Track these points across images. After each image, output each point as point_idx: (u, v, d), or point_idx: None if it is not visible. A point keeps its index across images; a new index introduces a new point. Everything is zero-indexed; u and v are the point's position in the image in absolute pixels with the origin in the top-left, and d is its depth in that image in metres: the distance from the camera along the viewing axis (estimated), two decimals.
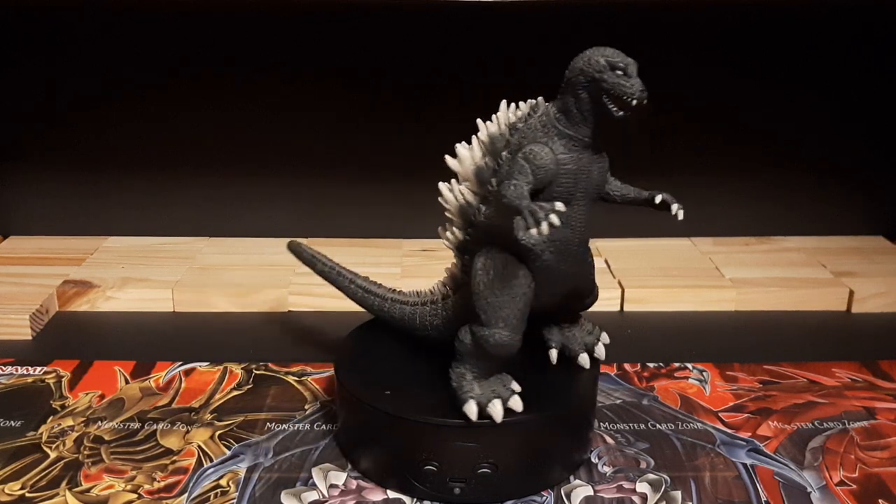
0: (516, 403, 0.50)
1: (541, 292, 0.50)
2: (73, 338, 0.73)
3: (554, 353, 0.56)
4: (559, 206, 0.45)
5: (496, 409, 0.49)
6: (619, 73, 0.46)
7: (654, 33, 0.85)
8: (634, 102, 0.46)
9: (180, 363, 0.68)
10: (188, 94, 0.87)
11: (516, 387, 0.51)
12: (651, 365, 0.68)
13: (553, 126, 0.48)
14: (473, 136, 0.51)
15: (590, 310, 0.77)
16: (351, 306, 0.77)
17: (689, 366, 0.68)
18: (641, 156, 0.89)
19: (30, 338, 0.72)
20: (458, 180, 0.53)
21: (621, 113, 0.46)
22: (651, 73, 0.86)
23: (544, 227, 0.44)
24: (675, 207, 0.51)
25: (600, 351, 0.56)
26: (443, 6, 0.80)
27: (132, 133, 0.88)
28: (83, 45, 0.85)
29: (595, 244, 0.89)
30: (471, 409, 0.49)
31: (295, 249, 0.64)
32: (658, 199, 0.52)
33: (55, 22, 0.84)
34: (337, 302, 0.77)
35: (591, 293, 0.56)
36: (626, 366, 0.68)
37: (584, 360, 0.55)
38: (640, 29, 0.85)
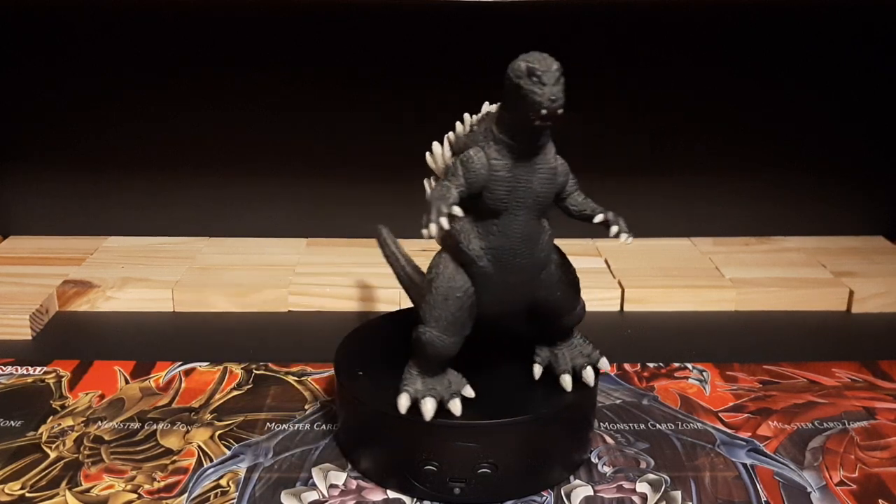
0: (455, 407, 0.50)
1: (482, 300, 0.50)
2: (73, 338, 0.72)
3: (537, 370, 0.55)
4: (456, 210, 0.45)
5: (426, 407, 0.50)
6: (535, 79, 0.44)
7: (654, 33, 0.85)
8: (543, 112, 0.44)
9: (180, 363, 0.68)
10: (188, 94, 0.87)
11: (468, 392, 0.51)
12: (651, 365, 0.68)
13: (490, 131, 0.48)
14: (446, 136, 0.52)
15: (591, 310, 0.78)
16: (351, 306, 0.77)
17: (689, 366, 0.68)
18: (641, 156, 0.90)
19: (30, 338, 0.72)
20: (435, 177, 0.53)
21: (537, 122, 0.45)
22: (651, 73, 0.87)
23: (432, 228, 0.44)
24: (614, 230, 0.48)
25: (588, 375, 0.54)
26: (443, 6, 0.80)
27: (132, 133, 0.88)
28: (83, 45, 0.85)
29: (595, 244, 0.89)
30: (401, 402, 0.50)
31: (377, 232, 0.65)
32: (597, 218, 0.49)
33: (55, 22, 0.84)
34: (337, 302, 0.78)
35: (570, 312, 0.53)
36: (626, 366, 0.68)
37: (565, 381, 0.53)
38: (640, 29, 0.85)
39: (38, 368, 0.66)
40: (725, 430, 0.59)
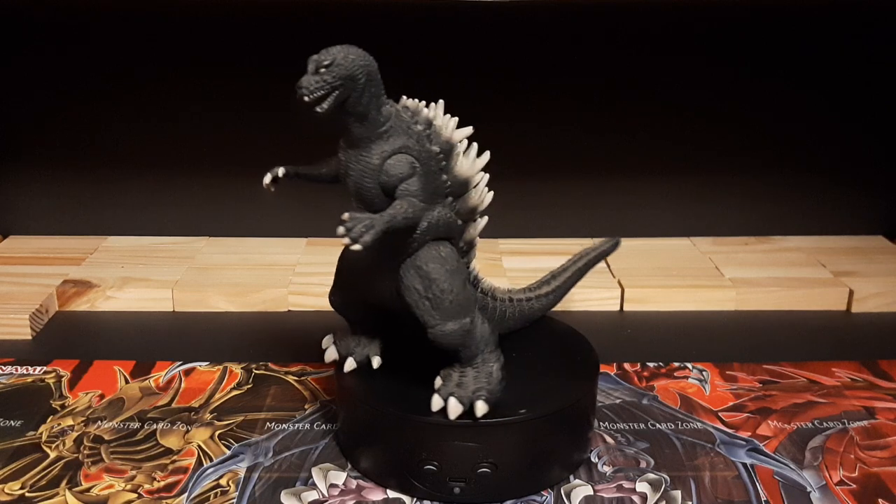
0: (347, 364, 0.55)
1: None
2: (72, 338, 0.73)
3: (437, 381, 0.52)
4: (280, 171, 0.54)
5: (327, 354, 0.56)
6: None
7: (654, 33, 0.85)
8: (297, 96, 0.47)
9: (180, 363, 0.68)
10: (188, 94, 0.87)
11: (374, 361, 0.55)
12: (651, 365, 0.68)
13: None
14: None
15: (592, 309, 0.78)
16: None
17: (689, 365, 0.68)
18: (641, 156, 0.90)
19: (30, 338, 0.72)
20: None
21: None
22: (651, 73, 0.87)
23: (264, 179, 0.53)
24: (340, 230, 0.46)
25: (451, 407, 0.50)
26: (443, 6, 0.80)
27: (132, 133, 0.88)
28: (83, 45, 0.85)
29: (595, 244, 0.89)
30: (324, 340, 0.57)
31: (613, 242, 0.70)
32: (343, 215, 0.47)
33: (55, 22, 0.84)
34: None
35: (428, 328, 0.50)
36: (626, 365, 0.68)
37: (434, 400, 0.51)
38: (641, 29, 0.85)
39: (38, 368, 0.66)
40: (725, 429, 0.59)
